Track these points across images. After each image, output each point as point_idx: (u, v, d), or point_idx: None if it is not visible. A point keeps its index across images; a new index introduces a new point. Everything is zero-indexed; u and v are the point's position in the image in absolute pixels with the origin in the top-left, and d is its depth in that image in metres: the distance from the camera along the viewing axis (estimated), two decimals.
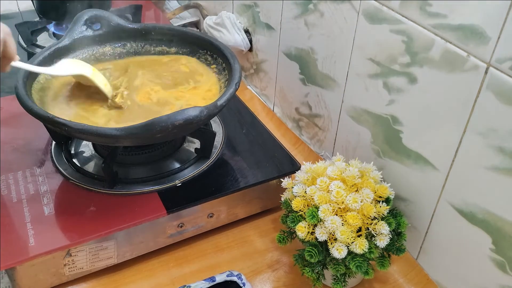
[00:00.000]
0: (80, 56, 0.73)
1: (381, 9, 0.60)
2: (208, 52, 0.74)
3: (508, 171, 0.50)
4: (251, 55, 0.97)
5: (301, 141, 0.87)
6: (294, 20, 0.79)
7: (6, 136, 0.71)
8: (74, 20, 0.72)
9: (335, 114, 0.76)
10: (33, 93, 0.64)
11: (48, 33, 1.00)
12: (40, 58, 0.67)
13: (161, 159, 0.69)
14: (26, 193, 0.63)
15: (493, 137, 0.51)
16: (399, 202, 0.65)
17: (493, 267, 0.54)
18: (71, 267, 0.59)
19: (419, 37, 0.56)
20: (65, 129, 0.56)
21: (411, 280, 0.64)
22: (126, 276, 0.63)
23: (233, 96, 0.63)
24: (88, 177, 0.65)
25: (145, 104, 0.67)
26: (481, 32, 0.49)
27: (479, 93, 0.51)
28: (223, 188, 0.65)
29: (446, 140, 0.56)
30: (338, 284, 0.57)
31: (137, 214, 0.61)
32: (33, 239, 0.57)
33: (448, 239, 0.60)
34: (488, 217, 0.54)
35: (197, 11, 1.14)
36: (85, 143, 0.71)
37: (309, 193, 0.58)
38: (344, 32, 0.68)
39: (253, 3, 0.90)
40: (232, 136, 0.75)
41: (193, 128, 0.62)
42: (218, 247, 0.68)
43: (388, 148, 0.66)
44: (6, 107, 0.77)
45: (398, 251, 0.58)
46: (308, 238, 0.56)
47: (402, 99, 0.61)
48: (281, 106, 0.91)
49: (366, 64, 0.65)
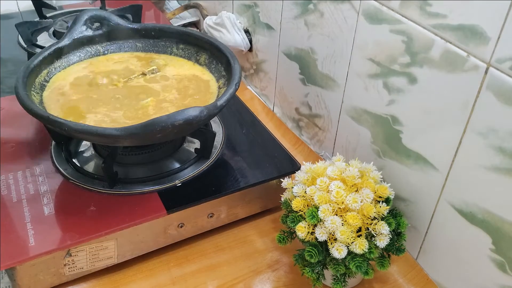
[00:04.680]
0: (80, 56, 0.73)
1: (381, 9, 0.60)
2: (207, 52, 0.74)
3: (508, 171, 0.50)
4: (251, 55, 0.97)
5: (301, 141, 0.87)
6: (294, 20, 0.79)
7: (6, 136, 0.71)
8: (74, 20, 0.73)
9: (335, 114, 0.76)
10: (33, 94, 0.64)
11: (48, 33, 1.00)
12: (40, 58, 0.68)
13: (161, 159, 0.69)
14: (26, 193, 0.63)
15: (493, 137, 0.51)
16: (399, 202, 0.65)
17: (493, 267, 0.54)
18: (71, 267, 0.59)
19: (419, 37, 0.56)
20: (65, 129, 0.56)
21: (411, 280, 0.64)
22: (126, 276, 0.63)
23: (233, 96, 0.63)
24: (88, 177, 0.65)
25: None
26: (481, 32, 0.49)
27: (479, 93, 0.51)
28: (223, 188, 0.65)
29: (446, 140, 0.56)
30: (338, 284, 0.57)
31: (137, 214, 0.61)
32: (33, 239, 0.57)
33: (448, 239, 0.60)
34: (488, 217, 0.54)
35: (197, 11, 1.15)
36: (85, 143, 0.71)
37: (309, 193, 0.58)
38: (344, 32, 0.68)
39: (253, 3, 0.90)
40: (232, 136, 0.75)
41: (193, 128, 0.62)
42: (218, 247, 0.68)
43: (388, 148, 0.66)
44: (6, 107, 0.77)
45: (398, 251, 0.58)
46: (308, 238, 0.56)
47: (402, 99, 0.61)
48: (281, 106, 0.91)
49: (366, 64, 0.65)
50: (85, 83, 0.70)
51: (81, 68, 0.73)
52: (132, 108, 0.66)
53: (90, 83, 0.70)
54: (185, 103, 0.67)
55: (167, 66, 0.74)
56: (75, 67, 0.73)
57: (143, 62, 0.75)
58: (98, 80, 0.70)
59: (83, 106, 0.66)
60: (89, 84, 0.70)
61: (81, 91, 0.68)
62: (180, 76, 0.73)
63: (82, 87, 0.69)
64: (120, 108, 0.66)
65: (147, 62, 0.75)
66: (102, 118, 0.64)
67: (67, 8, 1.12)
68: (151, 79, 0.72)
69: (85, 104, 0.66)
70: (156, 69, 0.73)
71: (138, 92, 0.69)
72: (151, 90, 0.70)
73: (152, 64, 0.74)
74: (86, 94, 0.68)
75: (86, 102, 0.67)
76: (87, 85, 0.70)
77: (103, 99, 0.67)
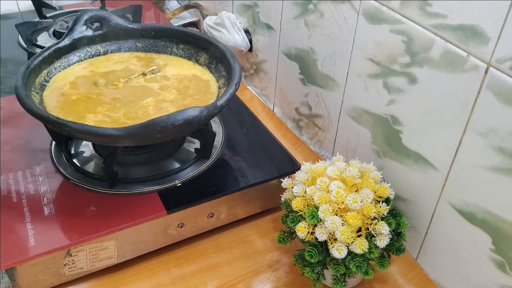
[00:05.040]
0: (80, 56, 0.73)
1: (381, 9, 0.60)
2: (208, 52, 0.74)
3: (508, 171, 0.50)
4: (251, 55, 0.97)
5: (301, 141, 0.87)
6: (294, 20, 0.79)
7: (6, 136, 0.71)
8: (74, 20, 0.73)
9: (335, 114, 0.76)
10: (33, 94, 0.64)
11: (48, 33, 1.00)
12: (40, 58, 0.68)
13: (161, 159, 0.69)
14: (26, 193, 0.63)
15: (493, 137, 0.51)
16: (399, 202, 0.65)
17: (493, 267, 0.54)
18: (71, 267, 0.59)
19: (419, 37, 0.56)
20: (65, 129, 0.56)
21: (411, 280, 0.64)
22: (126, 276, 0.63)
23: (233, 96, 0.63)
24: (88, 177, 0.65)
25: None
26: (481, 32, 0.49)
27: (479, 93, 0.51)
28: (223, 188, 0.65)
29: (446, 140, 0.56)
30: (338, 284, 0.57)
31: (137, 214, 0.61)
32: (33, 239, 0.57)
33: (448, 239, 0.60)
34: (488, 217, 0.54)
35: (197, 11, 1.15)
36: (85, 143, 0.71)
37: (309, 193, 0.58)
38: (344, 32, 0.68)
39: (253, 3, 0.90)
40: (232, 136, 0.75)
41: (193, 128, 0.62)
42: (218, 247, 0.68)
43: (388, 148, 0.66)
44: (6, 107, 0.77)
45: (398, 251, 0.58)
46: (308, 238, 0.56)
47: (402, 99, 0.61)
48: (281, 106, 0.91)
49: (366, 64, 0.65)
50: (85, 83, 0.70)
51: (81, 68, 0.73)
52: (132, 108, 0.66)
53: (90, 83, 0.70)
54: (185, 103, 0.67)
55: (167, 66, 0.74)
56: (75, 67, 0.73)
57: (143, 62, 0.75)
58: (98, 80, 0.70)
59: (83, 106, 0.66)
60: (89, 84, 0.70)
61: (81, 91, 0.68)
62: (180, 76, 0.73)
63: (82, 87, 0.69)
64: (120, 108, 0.66)
65: (147, 62, 0.75)
66: (102, 118, 0.64)
67: (67, 8, 1.12)
68: (151, 79, 0.72)
69: (85, 104, 0.66)
70: (156, 69, 0.73)
71: (138, 92, 0.69)
72: (151, 90, 0.70)
73: (152, 64, 0.74)
74: (86, 94, 0.68)
75: (86, 102, 0.67)
76: (87, 85, 0.70)
77: (103, 99, 0.67)
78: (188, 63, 0.75)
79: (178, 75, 0.73)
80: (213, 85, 0.71)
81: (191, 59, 0.75)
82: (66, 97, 0.67)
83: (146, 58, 0.76)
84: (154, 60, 0.75)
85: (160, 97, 0.68)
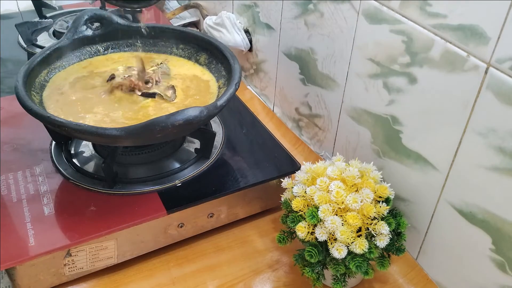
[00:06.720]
0: (80, 56, 0.73)
1: (381, 9, 0.60)
2: (208, 52, 0.74)
3: (508, 171, 0.50)
4: (251, 55, 0.97)
5: (301, 141, 0.87)
6: (294, 20, 0.79)
7: (6, 136, 0.71)
8: (74, 20, 0.73)
9: (335, 114, 0.76)
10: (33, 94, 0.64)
11: (48, 33, 1.00)
12: (40, 58, 0.68)
13: (161, 159, 0.69)
14: (26, 193, 0.63)
15: (493, 137, 0.51)
16: (399, 202, 0.65)
17: (493, 267, 0.54)
18: (71, 267, 0.59)
19: (419, 37, 0.56)
20: (65, 129, 0.56)
21: (411, 280, 0.64)
22: (126, 276, 0.63)
23: (233, 96, 0.63)
24: (88, 177, 0.65)
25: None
26: (481, 32, 0.49)
27: (479, 93, 0.51)
28: (223, 188, 0.65)
29: (446, 140, 0.56)
30: (338, 284, 0.57)
31: (137, 214, 0.61)
32: (33, 239, 0.57)
33: (448, 239, 0.60)
34: (488, 217, 0.54)
35: (197, 11, 1.15)
36: (85, 143, 0.71)
37: (309, 193, 0.58)
38: (344, 32, 0.68)
39: (253, 3, 0.90)
40: (232, 136, 0.75)
41: (193, 128, 0.62)
42: (218, 247, 0.68)
43: (388, 148, 0.66)
44: (6, 107, 0.77)
45: (398, 251, 0.58)
46: (308, 238, 0.56)
47: (402, 99, 0.61)
48: (281, 106, 0.91)
49: (366, 64, 0.65)
50: (85, 83, 0.70)
51: (81, 68, 0.73)
52: (132, 108, 0.66)
53: (90, 83, 0.70)
54: (185, 103, 0.67)
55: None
56: (75, 67, 0.73)
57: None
58: (98, 80, 0.70)
59: (83, 106, 0.66)
60: (89, 84, 0.70)
61: (81, 91, 0.68)
62: (180, 76, 0.72)
63: (82, 87, 0.69)
64: (120, 108, 0.66)
65: (147, 62, 0.75)
66: (102, 118, 0.64)
67: (67, 8, 1.12)
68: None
69: (85, 104, 0.66)
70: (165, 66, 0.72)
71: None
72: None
73: (152, 64, 0.74)
74: (86, 94, 0.68)
75: (86, 102, 0.67)
76: (87, 85, 0.70)
77: (103, 99, 0.67)
78: (188, 63, 0.75)
79: (178, 75, 0.73)
80: (213, 85, 0.71)
81: (191, 59, 0.75)
82: (66, 97, 0.67)
83: (146, 58, 0.76)
84: (154, 60, 0.75)
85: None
